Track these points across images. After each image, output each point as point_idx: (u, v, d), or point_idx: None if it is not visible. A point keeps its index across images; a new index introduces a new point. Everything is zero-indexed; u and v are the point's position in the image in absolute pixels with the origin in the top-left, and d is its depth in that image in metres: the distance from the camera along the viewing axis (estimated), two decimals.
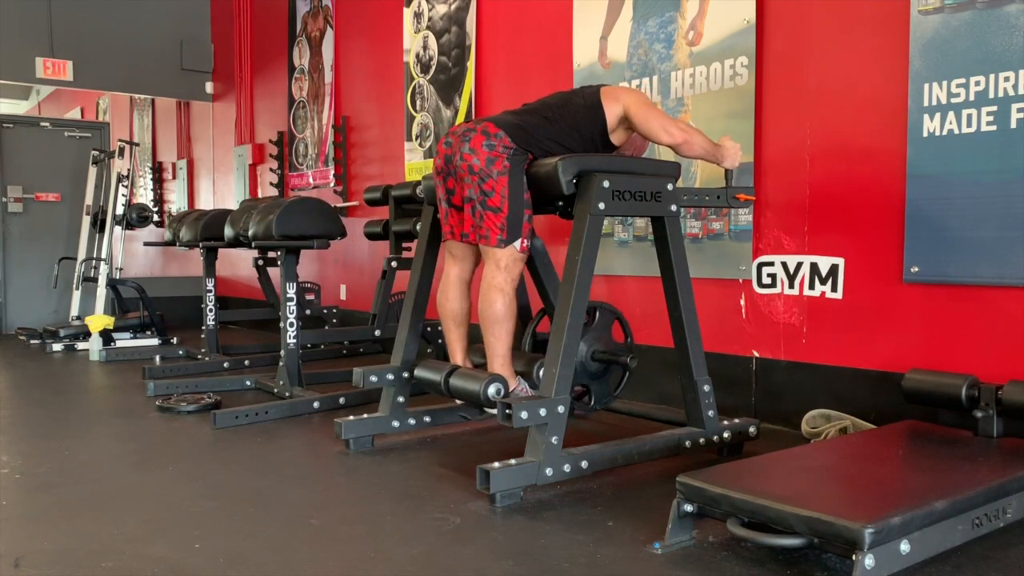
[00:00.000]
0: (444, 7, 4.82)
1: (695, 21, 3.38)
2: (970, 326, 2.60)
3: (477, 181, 2.53)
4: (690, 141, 2.66)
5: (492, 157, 2.51)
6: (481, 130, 2.55)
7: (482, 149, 2.51)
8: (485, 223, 2.54)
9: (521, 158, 2.54)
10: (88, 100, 11.25)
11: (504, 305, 2.57)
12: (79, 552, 1.90)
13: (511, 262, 2.57)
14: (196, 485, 2.44)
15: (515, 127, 2.57)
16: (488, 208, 2.53)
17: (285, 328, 3.78)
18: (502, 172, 2.51)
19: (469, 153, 2.53)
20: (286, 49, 6.69)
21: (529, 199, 2.56)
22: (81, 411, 3.69)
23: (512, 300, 2.59)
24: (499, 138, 2.52)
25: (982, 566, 1.76)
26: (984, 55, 2.52)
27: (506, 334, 2.60)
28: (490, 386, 2.51)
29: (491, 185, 2.51)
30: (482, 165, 2.51)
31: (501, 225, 2.52)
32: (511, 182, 2.52)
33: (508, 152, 2.52)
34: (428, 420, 3.04)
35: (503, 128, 2.55)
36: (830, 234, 2.95)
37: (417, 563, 1.81)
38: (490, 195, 2.52)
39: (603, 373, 2.81)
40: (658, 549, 1.85)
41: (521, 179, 2.54)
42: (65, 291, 6.91)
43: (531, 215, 2.57)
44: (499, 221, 2.52)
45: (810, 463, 2.11)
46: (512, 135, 2.54)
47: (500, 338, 2.60)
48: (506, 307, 2.57)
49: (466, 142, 2.55)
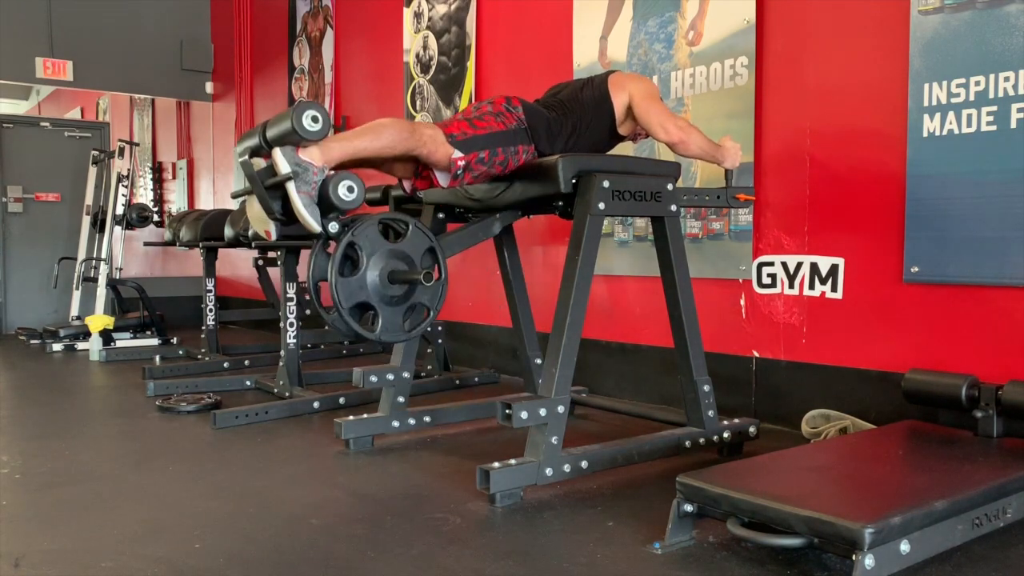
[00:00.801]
0: (444, 7, 4.82)
1: (695, 21, 3.38)
2: (970, 326, 2.60)
3: (477, 107, 2.51)
4: (687, 141, 2.64)
5: (502, 112, 2.50)
6: (506, 96, 2.56)
7: (499, 101, 2.53)
8: (458, 123, 2.41)
9: (524, 136, 2.52)
10: (88, 100, 11.25)
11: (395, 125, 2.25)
12: (79, 552, 1.90)
13: (433, 146, 2.31)
14: (196, 485, 2.44)
15: (534, 110, 2.56)
16: (468, 118, 2.46)
17: (285, 328, 3.78)
18: (501, 120, 2.48)
19: (486, 104, 2.53)
20: (286, 49, 6.69)
21: (503, 159, 2.46)
22: (81, 411, 3.69)
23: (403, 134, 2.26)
24: (516, 110, 2.52)
25: (982, 566, 1.76)
26: (984, 55, 2.52)
27: (368, 137, 2.21)
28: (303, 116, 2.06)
29: (487, 116, 2.47)
30: (492, 108, 2.50)
31: (465, 132, 2.37)
32: (505, 130, 2.46)
33: (519, 121, 2.51)
34: (428, 420, 3.04)
35: (523, 104, 2.55)
36: (830, 234, 2.95)
37: (417, 563, 1.81)
38: (481, 117, 2.48)
39: (399, 300, 2.26)
40: (658, 549, 1.85)
41: (512, 142, 2.47)
42: (65, 291, 6.91)
43: (484, 173, 2.45)
44: (468, 129, 2.40)
45: (810, 463, 2.11)
46: (528, 114, 2.53)
47: (359, 133, 2.22)
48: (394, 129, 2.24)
49: (487, 100, 2.56)
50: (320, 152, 2.11)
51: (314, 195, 2.10)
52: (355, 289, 2.16)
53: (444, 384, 4.01)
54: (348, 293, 2.15)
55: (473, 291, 4.59)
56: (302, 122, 2.05)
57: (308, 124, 2.06)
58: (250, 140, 2.19)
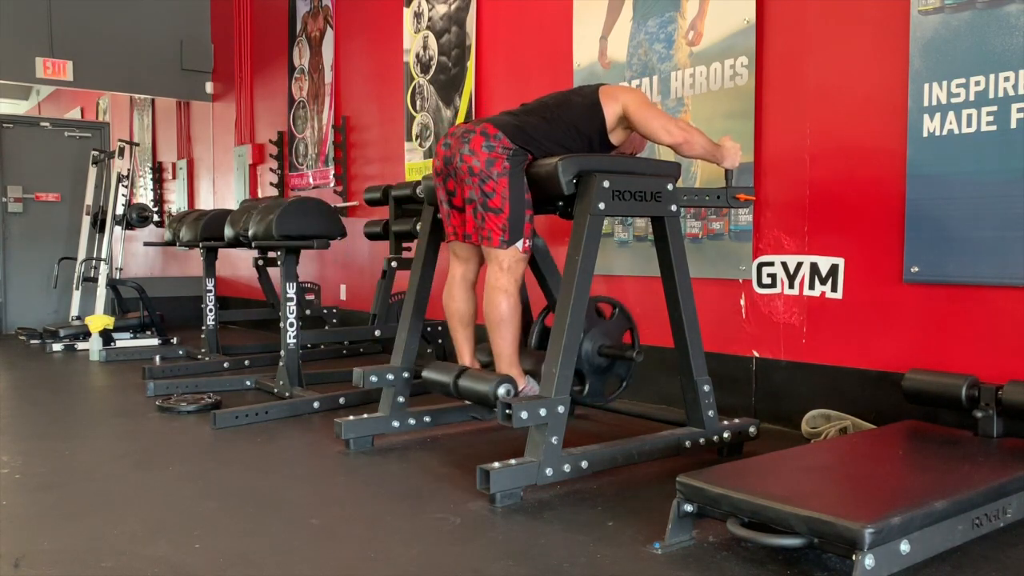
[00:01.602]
0: (444, 7, 4.82)
1: (695, 21, 3.38)
2: (970, 326, 2.60)
3: (478, 183, 2.53)
4: (690, 141, 2.66)
5: (492, 159, 2.51)
6: (480, 131, 2.54)
7: (481, 150, 2.51)
8: (487, 224, 2.54)
9: (521, 158, 2.54)
10: (88, 100, 11.25)
11: (508, 306, 2.57)
12: (79, 552, 1.90)
13: (514, 263, 2.57)
14: (196, 485, 2.44)
15: (514, 128, 2.56)
16: (489, 209, 2.52)
17: (285, 328, 3.78)
18: (502, 173, 2.51)
19: (469, 155, 2.53)
20: (286, 49, 6.69)
21: (530, 199, 2.56)
22: (81, 411, 3.69)
23: (516, 300, 2.59)
24: (498, 139, 2.52)
25: (982, 566, 1.76)
26: (984, 55, 2.52)
27: (511, 334, 2.60)
28: (500, 386, 2.51)
29: (492, 186, 2.51)
30: (482, 166, 2.51)
31: (503, 226, 2.52)
32: (511, 183, 2.51)
33: (508, 153, 2.51)
34: (428, 420, 3.04)
35: (502, 129, 2.54)
36: (830, 234, 2.95)
37: (417, 563, 1.81)
38: (491, 196, 2.51)
39: (605, 369, 2.77)
40: (658, 549, 1.85)
41: (521, 179, 2.54)
42: (65, 291, 6.91)
43: (532, 215, 2.57)
44: (501, 222, 2.52)
45: (810, 463, 2.11)
46: (511, 136, 2.54)
47: (506, 338, 2.60)
48: (510, 308, 2.57)
49: (465, 143, 2.55)
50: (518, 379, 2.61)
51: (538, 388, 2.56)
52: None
53: None
54: None
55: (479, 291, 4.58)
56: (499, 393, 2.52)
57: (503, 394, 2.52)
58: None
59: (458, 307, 2.80)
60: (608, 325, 2.78)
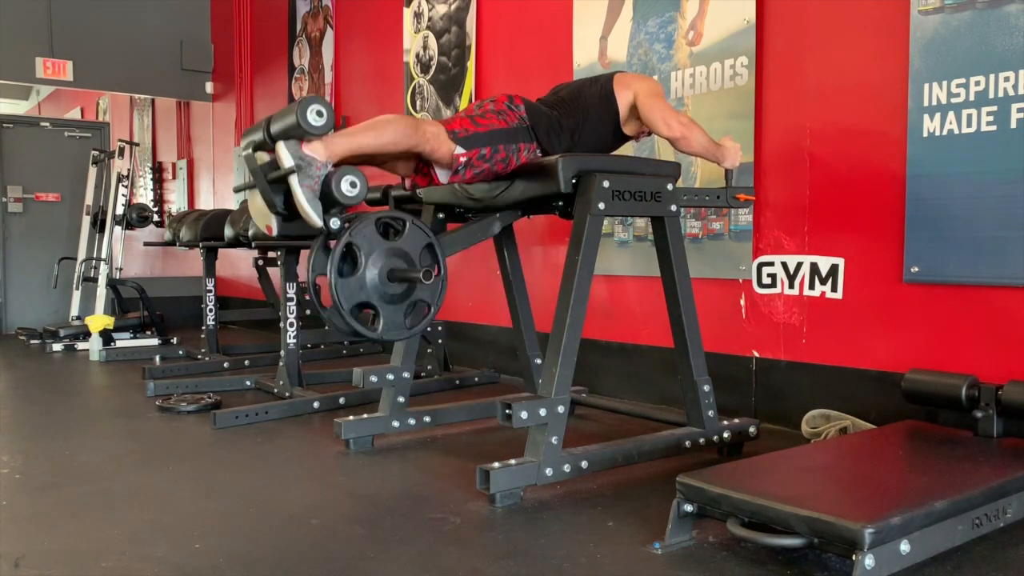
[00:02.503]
0: (444, 7, 4.82)
1: (695, 21, 3.38)
2: (970, 326, 2.60)
3: (476, 108, 2.51)
4: (689, 137, 2.65)
5: (503, 111, 2.51)
6: (509, 94, 2.56)
7: (501, 100, 2.52)
8: (457, 118, 2.42)
9: (526, 135, 2.51)
10: (88, 100, 11.25)
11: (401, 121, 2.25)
12: (79, 552, 1.90)
13: (436, 143, 2.30)
14: (196, 485, 2.45)
15: (536, 109, 2.56)
16: (470, 115, 2.46)
17: (285, 328, 3.78)
18: (503, 118, 2.48)
19: (489, 101, 2.53)
20: (286, 49, 6.69)
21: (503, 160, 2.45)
22: (81, 411, 3.69)
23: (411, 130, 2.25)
24: (518, 108, 2.52)
25: (982, 566, 1.76)
26: (984, 55, 2.52)
27: (371, 135, 2.20)
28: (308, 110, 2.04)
29: (489, 115, 2.47)
30: (494, 106, 2.51)
31: (468, 129, 2.36)
32: (507, 128, 2.45)
33: (521, 120, 2.51)
34: (428, 420, 3.04)
35: (527, 103, 2.55)
36: (830, 234, 2.95)
37: (417, 563, 1.81)
38: (483, 115, 2.47)
39: (400, 298, 2.25)
40: (658, 549, 1.85)
41: (514, 139, 2.47)
42: (65, 291, 6.91)
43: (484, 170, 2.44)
44: (471, 126, 2.39)
45: (810, 463, 2.11)
46: (532, 114, 2.53)
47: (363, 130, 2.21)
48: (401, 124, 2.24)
49: (488, 99, 2.56)
50: (324, 147, 2.10)
51: (316, 189, 2.07)
52: (355, 289, 2.15)
53: (444, 384, 4.01)
54: (348, 293, 2.15)
55: (473, 291, 4.59)
56: (307, 116, 2.04)
57: (312, 118, 2.05)
58: (254, 134, 2.18)
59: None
60: (400, 242, 2.24)
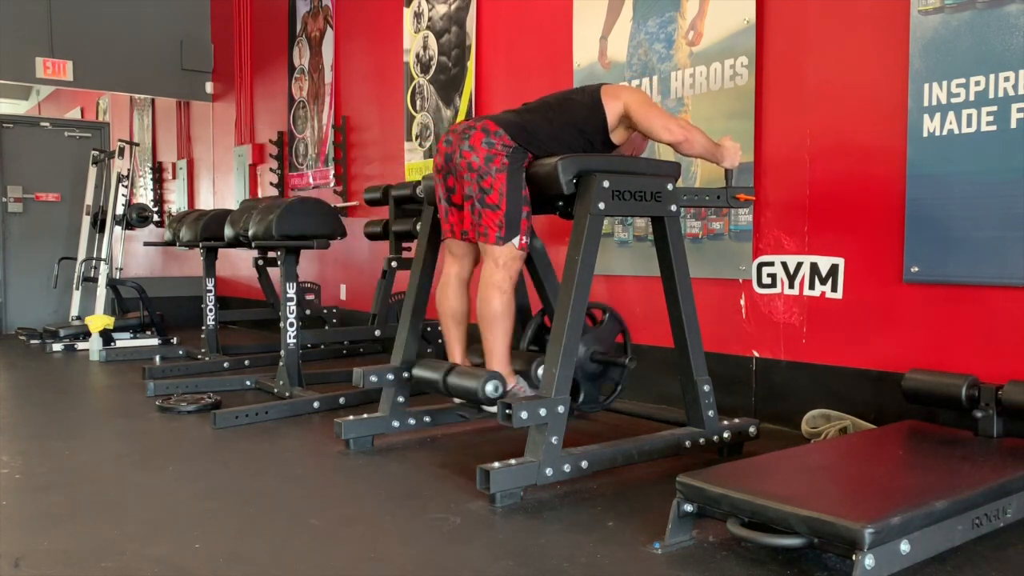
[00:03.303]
0: (444, 7, 4.82)
1: (695, 21, 3.38)
2: (970, 326, 2.60)
3: (476, 178, 2.53)
4: (690, 139, 2.66)
5: (491, 155, 2.51)
6: (481, 128, 2.55)
7: (481, 147, 2.52)
8: (484, 220, 2.54)
9: (520, 156, 2.54)
10: (88, 100, 11.25)
11: (502, 303, 2.57)
12: (79, 552, 1.90)
13: (509, 260, 2.57)
14: (196, 485, 2.44)
15: (515, 126, 2.57)
16: (487, 205, 2.53)
17: (285, 328, 3.78)
18: (500, 169, 2.51)
19: (468, 151, 2.54)
20: (286, 49, 6.69)
21: (528, 196, 2.56)
22: (81, 411, 3.69)
23: (511, 298, 2.59)
24: (499, 136, 2.52)
25: (982, 566, 1.76)
26: (984, 55, 2.52)
27: (504, 332, 2.60)
28: (487, 384, 2.50)
29: (490, 182, 2.51)
30: (481, 162, 2.51)
31: (499, 223, 2.52)
32: (509, 179, 2.51)
33: (507, 150, 2.52)
34: (428, 420, 3.04)
35: (503, 126, 2.55)
36: (830, 234, 2.95)
37: (417, 563, 1.81)
38: (488, 192, 2.52)
39: (599, 375, 2.79)
40: (658, 549, 1.85)
41: (520, 177, 2.54)
42: (65, 291, 6.91)
43: (530, 213, 2.57)
44: (497, 218, 2.52)
45: (810, 463, 2.11)
46: (512, 134, 2.54)
47: (498, 336, 2.59)
48: (504, 305, 2.57)
49: (466, 140, 2.55)
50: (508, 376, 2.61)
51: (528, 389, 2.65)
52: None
53: None
54: None
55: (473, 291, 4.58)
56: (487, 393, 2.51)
57: (491, 392, 2.51)
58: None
59: (451, 305, 2.80)
60: (599, 330, 2.79)
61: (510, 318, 2.60)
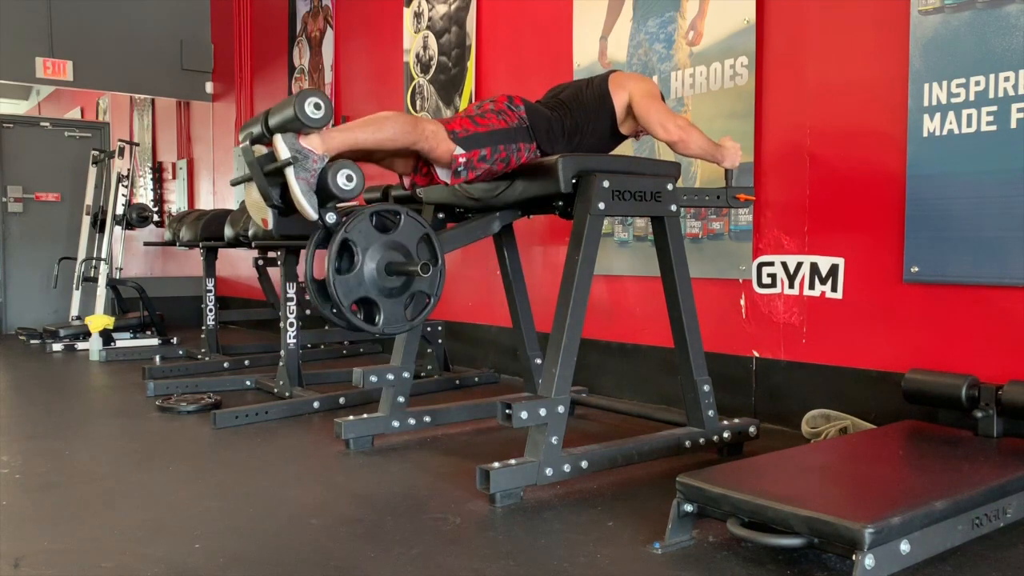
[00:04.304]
0: (444, 7, 4.82)
1: (695, 21, 3.38)
2: (970, 326, 2.60)
3: (476, 108, 2.51)
4: (686, 140, 2.63)
5: (503, 110, 2.51)
6: (508, 95, 2.57)
7: (501, 100, 2.53)
8: (457, 118, 2.43)
9: (526, 135, 2.52)
10: (88, 100, 11.25)
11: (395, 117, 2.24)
12: (79, 552, 1.90)
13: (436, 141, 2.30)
14: (196, 485, 2.44)
15: (535, 110, 2.57)
16: (471, 116, 2.47)
17: (285, 328, 3.78)
18: (502, 118, 2.49)
19: (488, 102, 2.54)
20: (286, 49, 6.69)
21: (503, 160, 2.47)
22: (81, 411, 3.69)
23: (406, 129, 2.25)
24: (518, 109, 2.53)
25: (982, 566, 1.76)
26: (984, 55, 2.52)
27: (372, 127, 2.20)
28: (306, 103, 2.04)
29: (490, 116, 2.48)
30: (492, 107, 2.51)
31: (469, 130, 2.38)
32: (507, 129, 2.46)
33: (521, 120, 2.51)
34: (428, 420, 3.04)
35: (526, 104, 2.56)
36: (830, 234, 2.95)
37: (417, 563, 1.81)
38: (483, 115, 2.48)
39: (398, 292, 2.25)
40: (658, 549, 1.85)
41: (514, 138, 2.48)
42: (65, 291, 6.91)
43: (490, 170, 2.46)
44: (471, 126, 2.41)
45: (810, 463, 2.11)
46: (531, 113, 2.53)
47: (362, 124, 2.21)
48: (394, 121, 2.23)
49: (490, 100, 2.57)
50: (321, 140, 2.10)
51: (313, 183, 2.07)
52: (354, 285, 2.16)
53: (444, 384, 4.01)
54: (347, 290, 2.15)
55: (473, 291, 4.59)
56: (304, 109, 2.04)
57: (310, 111, 2.04)
58: (252, 127, 2.18)
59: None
60: (394, 237, 2.22)
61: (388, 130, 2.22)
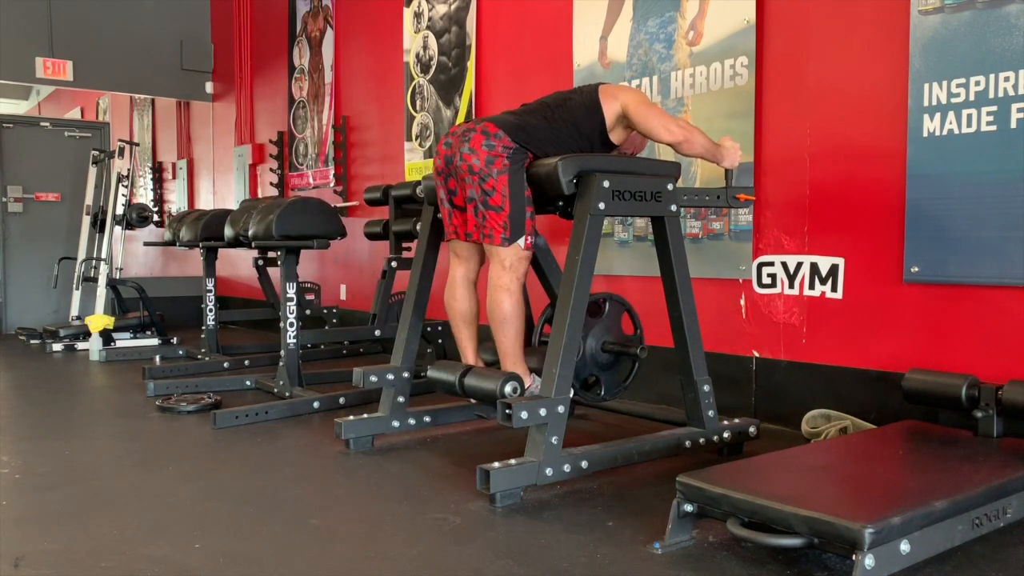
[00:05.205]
0: (444, 7, 4.82)
1: (695, 21, 3.38)
2: (970, 326, 2.60)
3: (478, 181, 2.53)
4: (690, 139, 2.66)
5: (492, 156, 2.51)
6: (480, 130, 2.55)
7: (481, 149, 2.52)
8: (488, 222, 2.55)
9: (521, 156, 2.54)
10: (88, 100, 11.25)
11: (512, 305, 2.58)
12: (79, 552, 1.90)
13: (516, 260, 2.58)
14: (196, 485, 2.45)
15: (515, 127, 2.57)
16: (490, 207, 2.53)
17: (285, 328, 3.78)
18: (502, 171, 2.51)
19: (469, 153, 2.54)
20: (286, 49, 6.69)
21: (530, 197, 2.57)
22: (81, 411, 3.69)
23: (519, 298, 2.60)
24: (499, 138, 2.53)
25: (982, 566, 1.76)
26: (984, 55, 2.52)
27: (515, 332, 2.61)
28: (507, 384, 2.50)
29: (492, 184, 2.51)
30: (482, 165, 2.51)
31: (504, 224, 2.53)
32: (511, 180, 2.52)
33: (508, 151, 2.52)
34: (428, 420, 3.04)
35: (502, 127, 2.55)
36: (830, 234, 2.95)
37: (417, 563, 1.81)
38: (491, 194, 2.52)
39: (613, 364, 2.81)
40: (658, 549, 1.85)
41: (521, 177, 2.54)
42: (65, 291, 6.90)
43: (533, 213, 2.58)
44: (501, 220, 2.52)
45: (810, 463, 2.11)
46: (511, 134, 2.54)
47: (510, 336, 2.61)
48: (513, 306, 2.58)
49: (465, 142, 2.55)
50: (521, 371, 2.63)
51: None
52: (580, 368, 2.66)
53: None
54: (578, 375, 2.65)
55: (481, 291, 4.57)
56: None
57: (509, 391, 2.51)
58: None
59: (460, 306, 2.81)
60: (605, 320, 2.80)
61: (520, 318, 2.61)
